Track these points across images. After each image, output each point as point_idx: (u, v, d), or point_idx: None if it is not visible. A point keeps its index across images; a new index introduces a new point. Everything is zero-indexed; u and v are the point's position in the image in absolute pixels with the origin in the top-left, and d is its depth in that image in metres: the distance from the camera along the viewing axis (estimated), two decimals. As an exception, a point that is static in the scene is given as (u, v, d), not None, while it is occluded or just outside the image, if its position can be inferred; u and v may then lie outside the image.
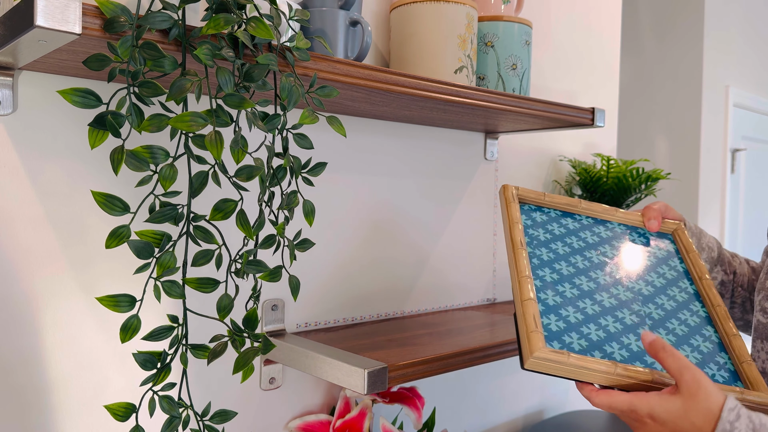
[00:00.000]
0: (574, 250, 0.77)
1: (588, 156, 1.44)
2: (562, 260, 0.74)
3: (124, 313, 0.56)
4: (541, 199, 0.81)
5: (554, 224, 0.80)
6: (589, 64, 1.42)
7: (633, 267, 0.77)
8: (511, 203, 0.78)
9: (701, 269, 0.77)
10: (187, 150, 0.56)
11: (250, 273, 0.59)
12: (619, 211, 0.83)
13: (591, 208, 0.83)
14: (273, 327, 0.89)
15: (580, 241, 0.78)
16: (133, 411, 0.58)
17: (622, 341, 0.66)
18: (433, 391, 1.13)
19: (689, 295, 0.75)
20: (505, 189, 0.80)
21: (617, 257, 0.78)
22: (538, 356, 0.59)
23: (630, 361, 0.64)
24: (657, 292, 0.74)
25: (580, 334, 0.65)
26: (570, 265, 0.74)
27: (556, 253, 0.75)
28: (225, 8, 0.55)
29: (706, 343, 0.69)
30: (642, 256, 0.79)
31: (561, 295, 0.69)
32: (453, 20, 0.89)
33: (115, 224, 0.75)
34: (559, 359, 0.59)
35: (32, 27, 0.48)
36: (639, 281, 0.75)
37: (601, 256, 0.77)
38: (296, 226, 0.91)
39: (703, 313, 0.73)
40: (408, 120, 1.02)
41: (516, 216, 0.76)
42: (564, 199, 0.82)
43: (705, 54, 2.37)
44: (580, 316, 0.67)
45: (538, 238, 0.77)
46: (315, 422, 0.91)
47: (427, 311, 1.10)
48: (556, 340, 0.64)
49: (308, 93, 0.64)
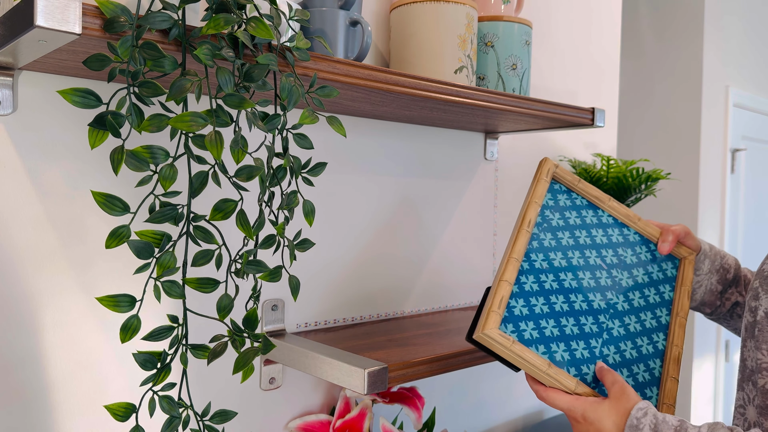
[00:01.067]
0: (578, 244, 0.78)
1: (588, 156, 1.44)
2: (560, 251, 0.76)
3: (124, 313, 0.56)
4: (574, 183, 0.82)
5: (573, 212, 0.81)
6: (589, 64, 1.42)
7: (622, 280, 0.78)
8: (542, 180, 0.79)
9: (683, 306, 0.79)
10: (187, 150, 0.56)
11: (250, 273, 0.59)
12: (641, 219, 0.84)
13: (616, 209, 0.84)
14: (273, 327, 0.89)
15: (588, 238, 0.79)
16: (133, 411, 0.58)
17: (570, 345, 0.70)
18: (433, 391, 1.13)
19: (659, 325, 0.77)
20: (544, 162, 0.80)
21: (614, 265, 0.79)
22: (486, 333, 0.65)
23: (567, 365, 0.69)
24: (630, 312, 0.76)
25: (536, 326, 0.69)
26: (564, 258, 0.76)
27: (558, 242, 0.77)
28: (225, 8, 0.55)
29: (646, 374, 0.73)
30: (637, 273, 0.80)
31: (540, 284, 0.72)
32: (453, 20, 0.89)
33: (115, 224, 0.75)
34: (503, 343, 0.65)
35: (32, 27, 0.48)
36: (620, 295, 0.77)
37: (598, 259, 0.78)
38: (296, 226, 0.91)
39: (660, 346, 0.76)
40: (408, 120, 1.02)
41: (539, 194, 0.77)
42: (595, 191, 0.83)
43: (705, 54, 2.37)
44: (546, 309, 0.71)
45: (550, 221, 0.78)
46: (315, 422, 0.91)
47: (427, 311, 1.10)
48: (512, 323, 0.68)
49: (308, 93, 0.64)
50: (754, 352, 0.72)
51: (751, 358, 0.74)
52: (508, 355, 0.65)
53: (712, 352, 2.47)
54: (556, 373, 0.66)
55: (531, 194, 0.78)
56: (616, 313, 0.75)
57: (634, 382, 0.72)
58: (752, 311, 0.74)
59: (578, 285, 0.74)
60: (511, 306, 0.69)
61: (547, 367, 0.66)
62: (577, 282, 0.74)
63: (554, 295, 0.72)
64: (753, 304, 0.74)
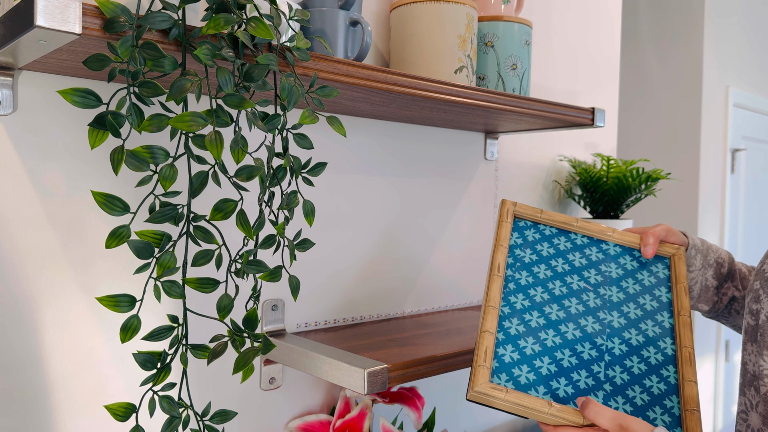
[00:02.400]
0: (556, 274, 0.76)
1: (588, 156, 1.44)
2: (540, 285, 0.74)
3: (124, 313, 0.56)
4: (537, 216, 0.80)
5: (545, 243, 0.79)
6: (589, 64, 1.42)
7: (612, 296, 0.76)
8: (504, 222, 0.77)
9: (682, 304, 0.76)
10: (187, 150, 0.56)
11: (250, 273, 0.59)
12: (616, 231, 0.81)
13: (587, 227, 0.81)
14: (273, 327, 0.89)
15: (566, 264, 0.77)
16: (133, 411, 0.58)
17: (571, 377, 0.67)
18: (433, 391, 1.13)
19: (663, 330, 0.74)
20: (503, 204, 0.79)
21: (600, 284, 0.77)
22: (478, 390, 0.63)
23: (572, 398, 0.66)
24: (629, 325, 0.73)
25: (531, 368, 0.67)
26: (546, 291, 0.74)
27: (536, 277, 0.75)
28: (225, 8, 0.55)
29: (661, 384, 0.69)
30: (627, 284, 0.78)
31: (525, 324, 0.70)
32: (453, 20, 0.89)
33: (115, 224, 0.75)
34: (497, 395, 0.63)
35: (32, 27, 0.48)
36: (613, 312, 0.74)
37: (582, 281, 0.76)
38: (296, 226, 0.91)
39: (670, 352, 0.73)
40: (408, 120, 1.02)
41: (504, 236, 0.76)
42: (561, 216, 0.81)
43: (705, 54, 2.37)
44: (538, 348, 0.69)
45: (522, 259, 0.76)
46: (315, 422, 0.91)
47: (427, 311, 1.10)
48: (505, 372, 0.66)
49: (308, 93, 0.64)
50: (756, 357, 0.72)
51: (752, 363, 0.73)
52: (506, 406, 0.63)
53: (712, 352, 2.47)
54: (559, 410, 0.63)
55: (496, 239, 0.76)
56: (613, 331, 0.72)
57: (649, 396, 0.69)
58: (753, 314, 0.73)
59: (566, 314, 0.72)
60: (500, 354, 0.67)
61: (548, 408, 0.63)
62: (564, 311, 0.72)
63: (542, 331, 0.70)
64: (754, 306, 0.73)
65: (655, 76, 2.50)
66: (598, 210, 1.31)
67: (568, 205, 1.39)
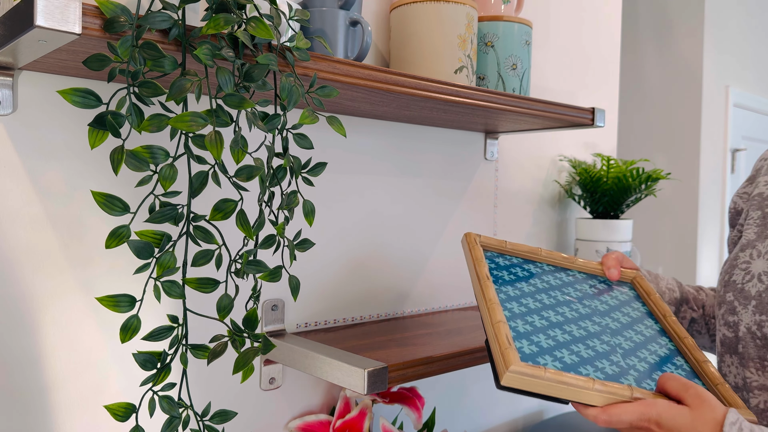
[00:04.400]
0: (539, 289, 0.77)
1: (588, 156, 1.44)
2: (528, 297, 0.74)
3: (124, 313, 0.56)
4: (502, 246, 0.82)
5: (517, 268, 0.81)
6: (589, 64, 1.42)
7: (597, 306, 0.78)
8: (474, 246, 0.78)
9: (664, 309, 0.78)
10: (187, 150, 0.56)
11: (250, 273, 0.59)
12: (578, 260, 0.85)
13: (551, 257, 0.84)
14: (273, 327, 0.89)
15: (544, 283, 0.79)
16: (133, 411, 0.58)
17: (596, 365, 0.65)
18: (433, 391, 1.13)
19: (655, 331, 0.76)
20: (468, 236, 0.81)
21: (581, 298, 0.78)
22: (514, 370, 0.57)
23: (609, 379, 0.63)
24: (624, 327, 0.75)
25: (554, 357, 0.64)
26: (536, 301, 0.74)
27: (521, 291, 0.75)
28: (225, 8, 0.55)
29: (678, 371, 0.69)
30: (605, 299, 0.80)
31: (531, 325, 0.69)
32: (453, 20, 0.89)
33: (115, 224, 0.75)
34: (536, 373, 0.57)
35: (32, 27, 0.48)
36: (605, 317, 0.76)
37: (565, 295, 0.78)
38: (296, 226, 0.91)
39: (672, 346, 0.74)
40: (408, 120, 1.02)
41: (479, 255, 0.76)
42: (525, 247, 0.83)
43: (705, 54, 2.37)
44: (552, 342, 0.66)
45: (503, 278, 0.77)
46: (315, 422, 0.91)
47: (427, 311, 1.10)
48: (530, 360, 0.62)
49: (308, 93, 0.64)
50: (740, 369, 0.72)
51: (734, 375, 0.73)
52: (545, 385, 0.57)
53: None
54: (605, 386, 0.58)
55: (472, 258, 0.76)
56: (613, 332, 0.73)
57: None
58: (730, 326, 0.73)
59: (564, 318, 0.72)
60: (519, 347, 0.64)
61: (592, 383, 0.58)
62: (561, 316, 0.72)
63: (550, 330, 0.69)
64: (730, 318, 0.73)
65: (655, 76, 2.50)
66: (598, 210, 1.31)
67: (568, 205, 1.39)
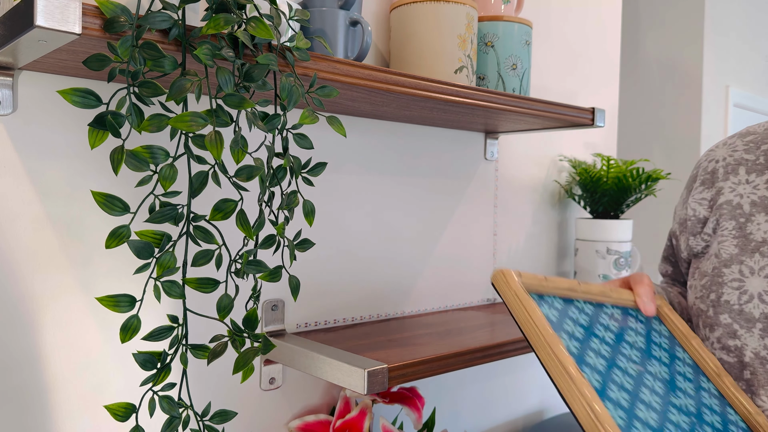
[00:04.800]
0: (604, 345, 0.64)
1: (588, 156, 1.44)
2: (595, 354, 0.61)
3: (124, 313, 0.56)
4: (543, 285, 0.65)
5: (576, 311, 0.67)
6: (589, 64, 1.42)
7: (658, 367, 0.66)
8: (524, 296, 0.60)
9: (708, 360, 0.69)
10: (187, 150, 0.56)
11: (250, 273, 0.59)
12: (611, 292, 0.72)
13: (589, 292, 0.70)
14: (273, 327, 0.89)
15: (601, 331, 0.66)
16: (133, 411, 0.58)
17: None
18: (433, 391, 1.13)
19: (714, 396, 0.67)
20: (506, 276, 0.61)
21: (643, 360, 0.66)
22: None
23: None
24: (687, 396, 0.65)
25: None
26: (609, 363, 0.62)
27: (591, 349, 0.62)
28: (225, 8, 0.55)
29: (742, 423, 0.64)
30: (656, 350, 0.69)
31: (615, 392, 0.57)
32: (453, 20, 0.89)
33: (115, 224, 0.75)
34: None
35: (32, 27, 0.48)
36: (665, 373, 0.65)
37: (626, 348, 0.66)
38: (296, 226, 0.91)
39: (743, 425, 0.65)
40: (408, 120, 1.02)
41: (538, 315, 0.58)
42: (564, 282, 0.67)
43: (705, 54, 2.37)
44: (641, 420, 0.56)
45: (564, 329, 0.62)
46: (315, 422, 0.91)
47: (427, 311, 1.10)
48: None
49: (308, 93, 0.64)
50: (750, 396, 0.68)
51: None
52: None
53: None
54: None
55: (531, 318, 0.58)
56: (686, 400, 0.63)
57: None
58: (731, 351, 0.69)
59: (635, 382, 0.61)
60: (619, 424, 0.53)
61: None
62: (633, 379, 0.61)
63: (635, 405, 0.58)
64: (730, 342, 0.69)
65: (655, 76, 2.50)
66: (598, 210, 1.31)
67: (568, 205, 1.39)
